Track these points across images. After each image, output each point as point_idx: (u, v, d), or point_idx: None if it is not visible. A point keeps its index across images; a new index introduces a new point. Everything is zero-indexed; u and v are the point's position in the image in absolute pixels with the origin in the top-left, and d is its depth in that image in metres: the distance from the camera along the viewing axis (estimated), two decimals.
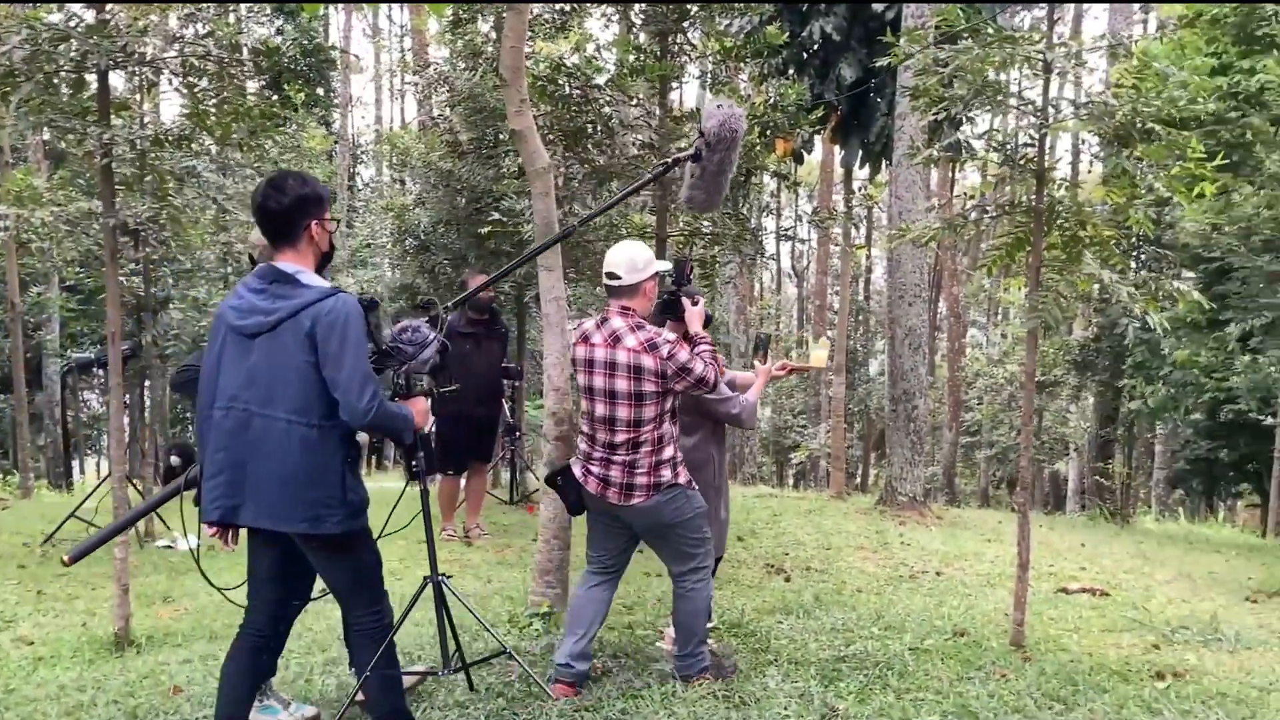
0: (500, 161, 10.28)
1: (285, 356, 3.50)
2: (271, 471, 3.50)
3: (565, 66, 7.93)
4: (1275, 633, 6.39)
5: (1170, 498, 22.82)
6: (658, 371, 4.45)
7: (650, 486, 4.53)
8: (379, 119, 37.76)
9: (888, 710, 4.45)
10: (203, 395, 3.66)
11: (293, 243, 3.66)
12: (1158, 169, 5.31)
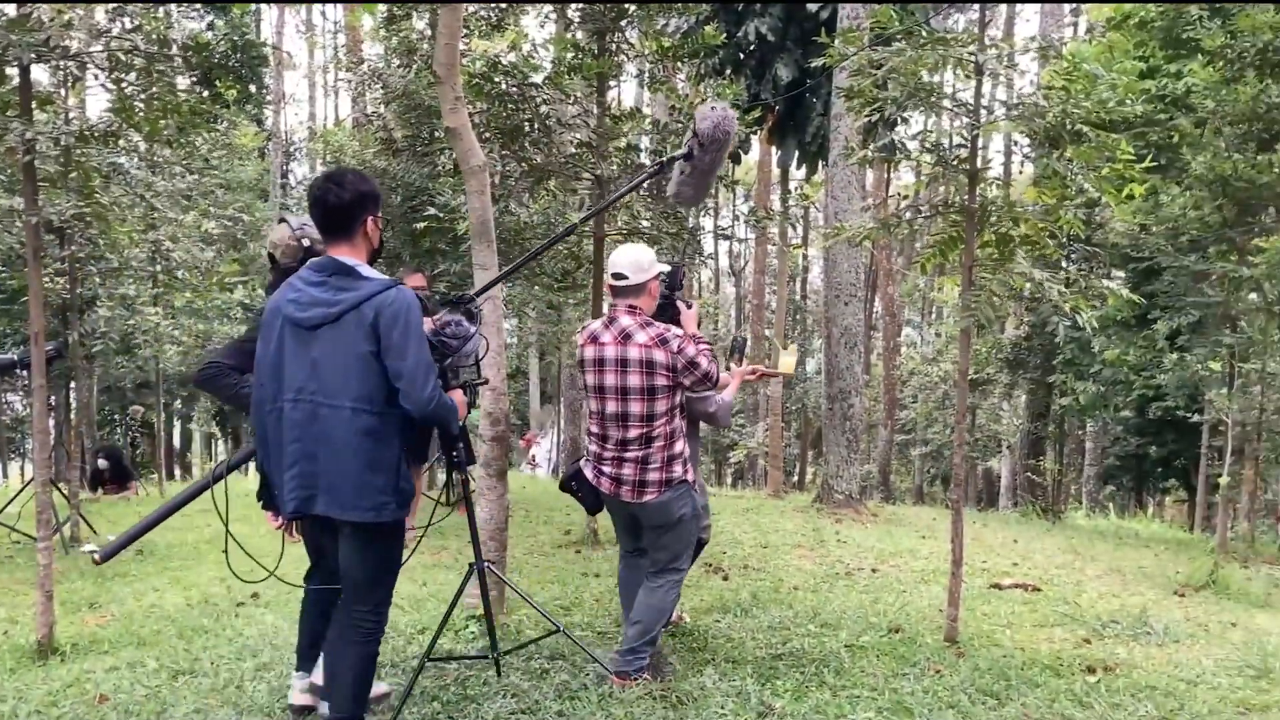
0: (435, 159, 10.18)
1: (348, 347, 3.55)
2: (340, 461, 3.55)
3: (501, 64, 7.87)
4: (1202, 626, 6.52)
5: (1100, 494, 23.22)
6: (669, 366, 4.58)
7: (663, 483, 4.66)
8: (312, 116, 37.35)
9: (824, 707, 4.47)
10: (262, 389, 3.67)
11: (349, 236, 3.73)
12: (1087, 170, 5.39)
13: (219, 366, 4.31)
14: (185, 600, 6.53)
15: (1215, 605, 7.38)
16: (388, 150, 10.57)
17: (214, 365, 4.37)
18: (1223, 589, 7.96)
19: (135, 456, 20.80)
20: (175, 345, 15.25)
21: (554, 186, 8.48)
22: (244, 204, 18.68)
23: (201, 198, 12.89)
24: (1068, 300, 5.54)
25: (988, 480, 29.57)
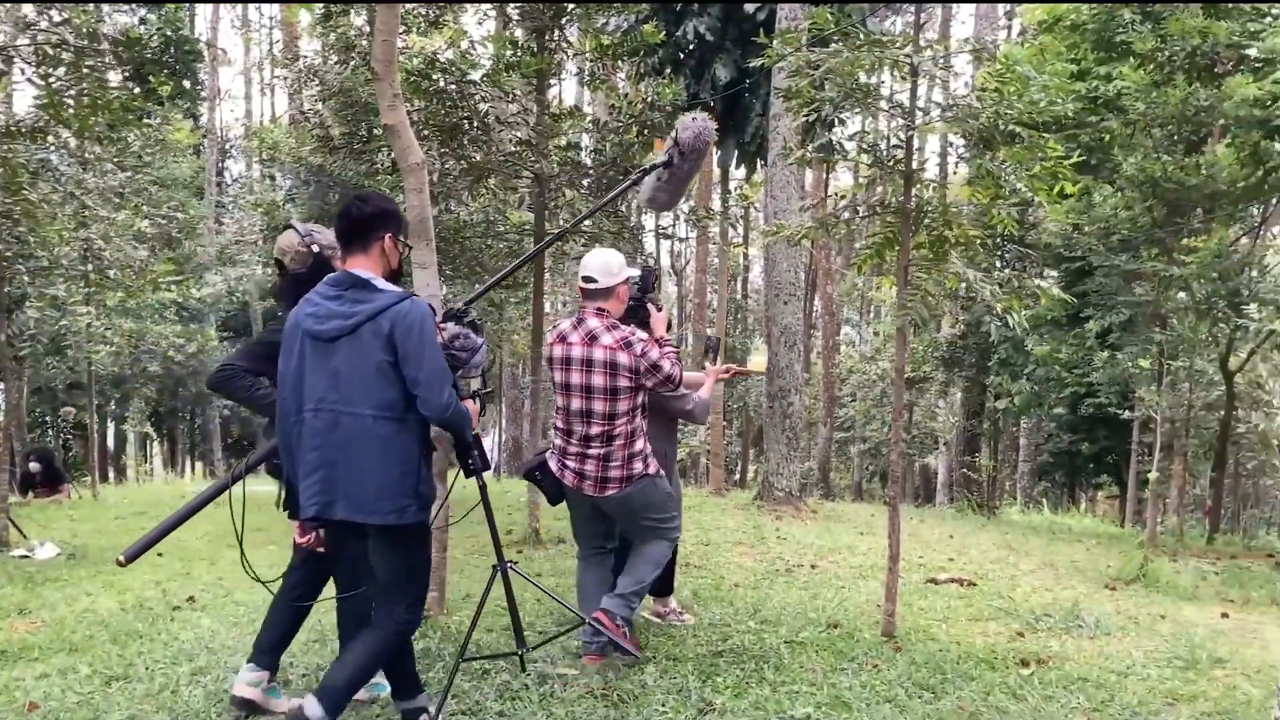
0: (373, 157, 10.09)
1: (366, 357, 3.67)
2: (361, 467, 3.66)
3: (439, 61, 7.82)
4: (1132, 618, 6.66)
5: (1034, 489, 23.59)
6: (632, 368, 4.80)
7: (623, 479, 4.89)
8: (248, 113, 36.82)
9: (763, 703, 4.50)
10: (286, 402, 3.78)
11: (365, 249, 3.84)
12: (1020, 170, 5.48)
13: (234, 369, 4.36)
14: (119, 605, 6.42)
15: (1145, 598, 7.53)
16: (325, 148, 10.46)
17: (229, 368, 4.41)
18: (1152, 582, 8.13)
19: (67, 459, 20.41)
20: (107, 345, 14.99)
21: (494, 185, 8.44)
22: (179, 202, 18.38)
23: (134, 195, 12.68)
24: (1000, 300, 5.63)
25: (925, 477, 29.94)
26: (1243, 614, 7.14)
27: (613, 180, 8.29)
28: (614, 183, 8.29)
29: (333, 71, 10.10)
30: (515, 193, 8.89)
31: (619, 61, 8.90)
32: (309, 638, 5.39)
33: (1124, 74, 10.97)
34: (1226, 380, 12.88)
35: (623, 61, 9.09)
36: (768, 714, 4.39)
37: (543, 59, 7.91)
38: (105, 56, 5.98)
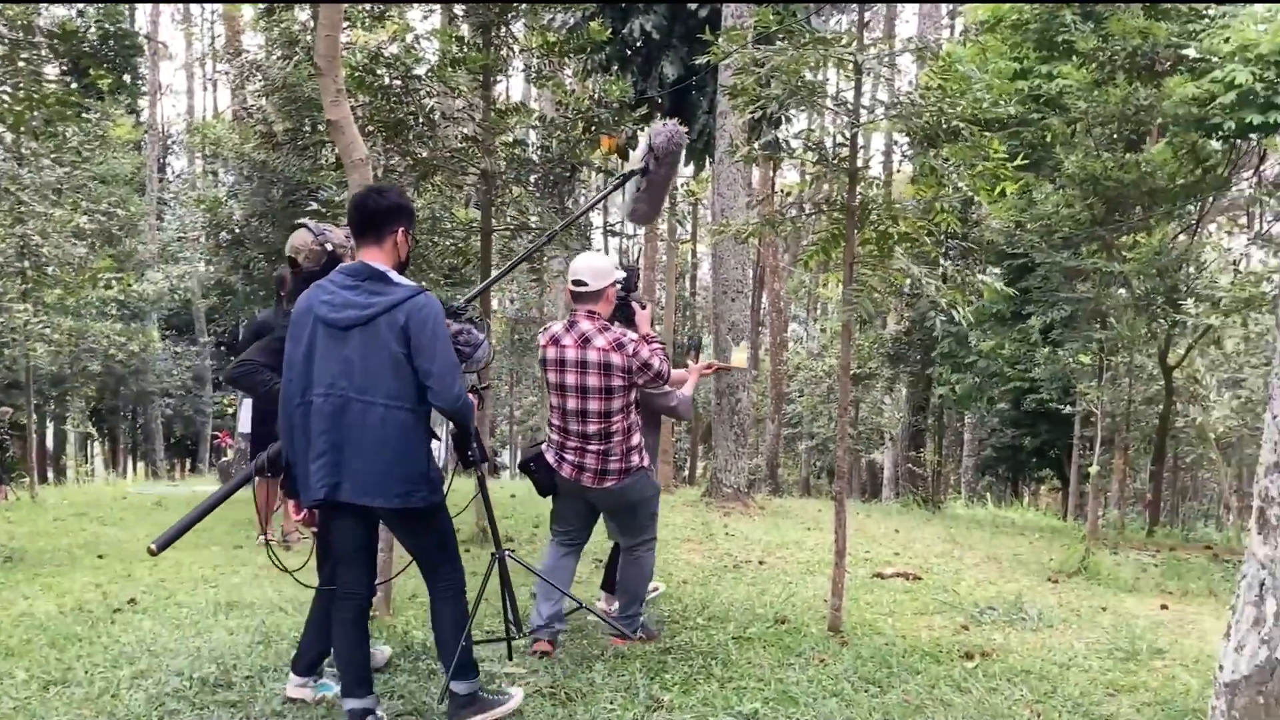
0: (317, 153, 10.00)
1: (380, 347, 3.81)
2: (369, 452, 3.81)
3: (384, 57, 7.76)
4: (1074, 611, 6.75)
5: (978, 484, 23.89)
6: (625, 367, 4.97)
7: (622, 471, 5.10)
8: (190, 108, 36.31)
9: (711, 699, 4.51)
10: (291, 385, 3.93)
11: (379, 242, 3.99)
12: (963, 168, 5.53)
13: (253, 364, 4.52)
14: (58, 608, 6.29)
15: (1087, 590, 7.64)
16: (268, 143, 10.34)
17: (248, 363, 4.56)
18: (1094, 574, 8.25)
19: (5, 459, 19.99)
20: (46, 344, 14.70)
21: (439, 181, 8.38)
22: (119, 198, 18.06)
23: (73, 191, 12.46)
24: (945, 295, 5.68)
25: (871, 472, 30.19)
26: (1181, 605, 7.27)
27: (559, 177, 8.27)
28: (561, 179, 8.27)
29: (276, 66, 9.99)
30: (461, 190, 8.83)
31: (565, 58, 8.87)
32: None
33: (1065, 73, 11.11)
34: (1165, 375, 13.11)
35: (569, 58, 9.05)
36: (715, 710, 4.39)
37: (488, 54, 7.86)
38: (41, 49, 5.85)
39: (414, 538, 4.12)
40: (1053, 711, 4.63)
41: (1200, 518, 21.49)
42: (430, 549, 4.13)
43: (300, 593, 6.55)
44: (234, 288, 11.29)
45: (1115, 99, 10.37)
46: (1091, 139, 10.92)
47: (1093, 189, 10.82)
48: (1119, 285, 11.37)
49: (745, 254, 12.03)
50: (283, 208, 10.06)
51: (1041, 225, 12.17)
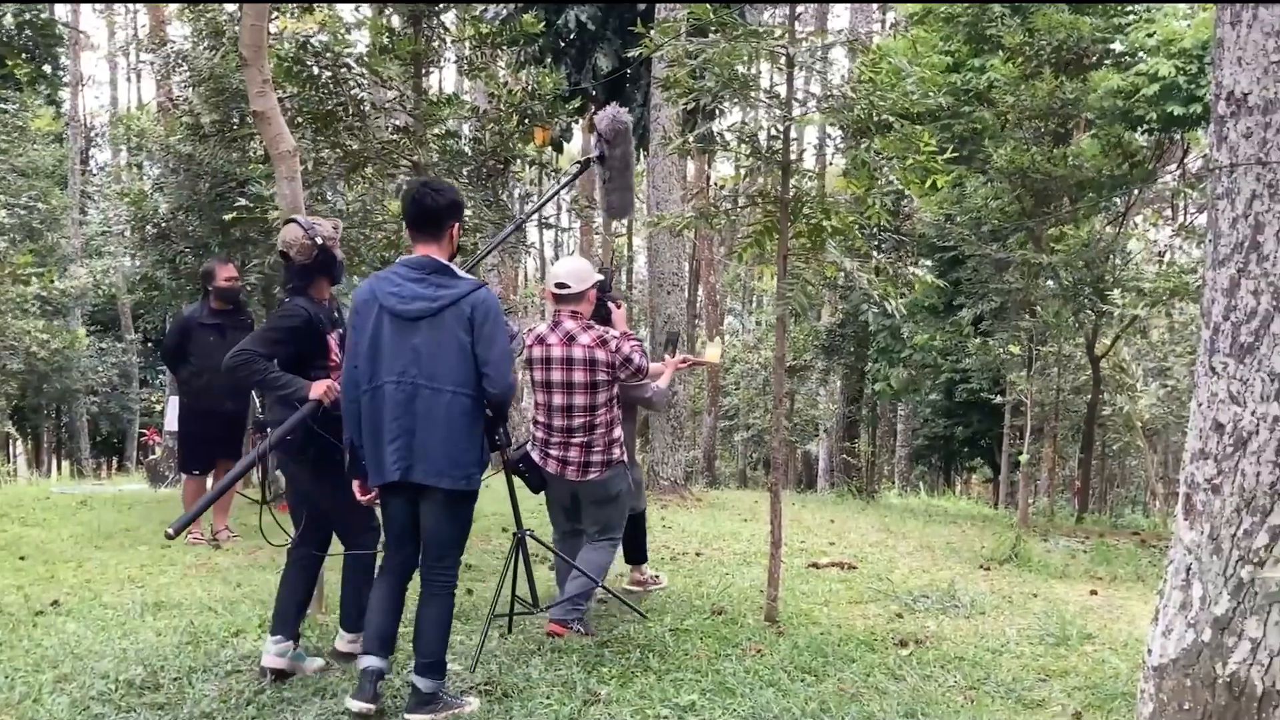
0: (246, 145, 9.82)
1: (448, 337, 4.08)
2: (439, 436, 4.08)
3: (312, 47, 7.63)
4: (1006, 597, 6.84)
5: (912, 473, 24.16)
6: (609, 363, 5.30)
7: (604, 464, 5.40)
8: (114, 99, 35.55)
9: (649, 692, 4.50)
10: (356, 371, 4.18)
11: (437, 238, 4.24)
12: (894, 161, 5.57)
13: (250, 354, 4.54)
14: None
15: (1018, 577, 7.75)
16: (194, 135, 10.14)
17: (245, 353, 4.57)
18: (1024, 561, 8.36)
19: None
20: None
21: (371, 174, 8.27)
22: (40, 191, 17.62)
23: None
24: (877, 287, 5.72)
25: (806, 463, 30.38)
26: (1110, 590, 7.40)
27: (493, 170, 8.21)
28: (494, 172, 8.21)
29: (202, 57, 9.80)
30: (393, 181, 8.72)
31: (499, 50, 8.81)
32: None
33: (994, 66, 11.25)
34: (1093, 365, 13.34)
35: (503, 50, 8.98)
36: (653, 702, 4.39)
37: (418, 44, 7.77)
38: None
39: (449, 521, 4.27)
40: (986, 697, 4.69)
41: (1128, 504, 21.91)
42: (452, 536, 4.31)
43: (231, 591, 6.45)
44: (160, 283, 11.04)
45: (1042, 93, 10.52)
46: (1020, 132, 11.07)
47: (1021, 182, 10.97)
48: (1047, 277, 11.54)
49: (681, 247, 12.04)
50: (210, 201, 9.87)
51: (971, 218, 12.32)
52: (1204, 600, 3.04)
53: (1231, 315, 3.02)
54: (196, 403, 8.15)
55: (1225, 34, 3.05)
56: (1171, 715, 3.10)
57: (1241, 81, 3.00)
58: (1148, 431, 18.90)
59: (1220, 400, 3.03)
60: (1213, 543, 3.03)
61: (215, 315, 8.13)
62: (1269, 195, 2.94)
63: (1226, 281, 3.03)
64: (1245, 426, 2.98)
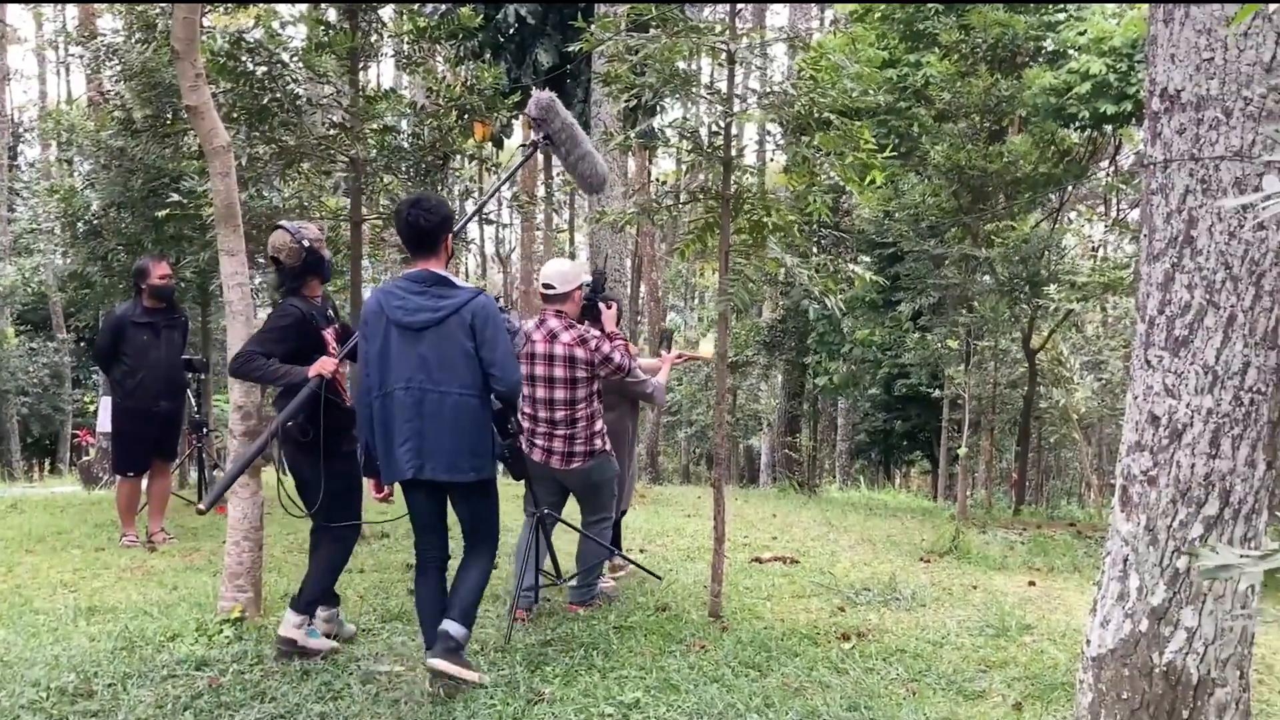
0: (179, 140, 9.64)
1: (452, 343, 4.42)
2: (446, 435, 4.43)
3: (246, 41, 7.50)
4: (946, 589, 6.91)
5: (852, 467, 24.33)
6: (588, 360, 5.62)
7: (586, 454, 5.74)
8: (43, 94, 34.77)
9: (593, 690, 4.49)
10: (368, 379, 4.52)
11: (434, 252, 4.58)
12: (833, 157, 5.59)
13: (249, 353, 4.91)
14: None
15: (957, 569, 7.83)
16: (126, 130, 9.94)
17: (245, 353, 4.95)
18: (964, 554, 8.45)
19: None
20: None
21: (307, 169, 8.16)
22: None
23: None
24: (817, 283, 5.75)
25: (749, 458, 30.52)
26: (1048, 581, 7.50)
27: (432, 165, 8.13)
28: (433, 167, 8.13)
29: (134, 51, 9.60)
30: (330, 177, 8.60)
31: (437, 44, 8.72)
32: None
33: (931, 64, 11.35)
34: (1029, 358, 13.52)
35: (441, 44, 8.89)
36: (597, 700, 4.37)
37: (355, 39, 7.67)
38: None
39: (475, 506, 4.68)
40: (927, 689, 4.73)
41: (1064, 496, 22.25)
42: (485, 517, 4.72)
43: (167, 594, 6.33)
44: (92, 281, 10.81)
45: (978, 90, 10.63)
46: (956, 129, 11.19)
47: (958, 178, 11.08)
48: (984, 272, 11.68)
49: (623, 243, 12.03)
50: (143, 197, 9.68)
51: (909, 214, 12.43)
52: (1141, 591, 3.08)
53: (1166, 309, 3.06)
54: (130, 403, 7.99)
55: (1159, 31, 3.09)
56: (1110, 705, 3.14)
57: (1175, 78, 3.04)
58: (1083, 424, 19.22)
59: (1155, 393, 3.08)
60: (1149, 534, 3.07)
61: (149, 314, 7.98)
62: (1202, 190, 2.98)
63: (1161, 276, 3.07)
64: (1180, 419, 3.03)
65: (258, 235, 8.04)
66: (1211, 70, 2.97)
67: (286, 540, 8.16)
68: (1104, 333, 18.38)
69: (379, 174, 8.11)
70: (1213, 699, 3.05)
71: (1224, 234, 2.96)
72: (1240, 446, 2.97)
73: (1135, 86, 10.42)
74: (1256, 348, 2.97)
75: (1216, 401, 2.98)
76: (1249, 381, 2.98)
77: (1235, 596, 3.01)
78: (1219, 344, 2.97)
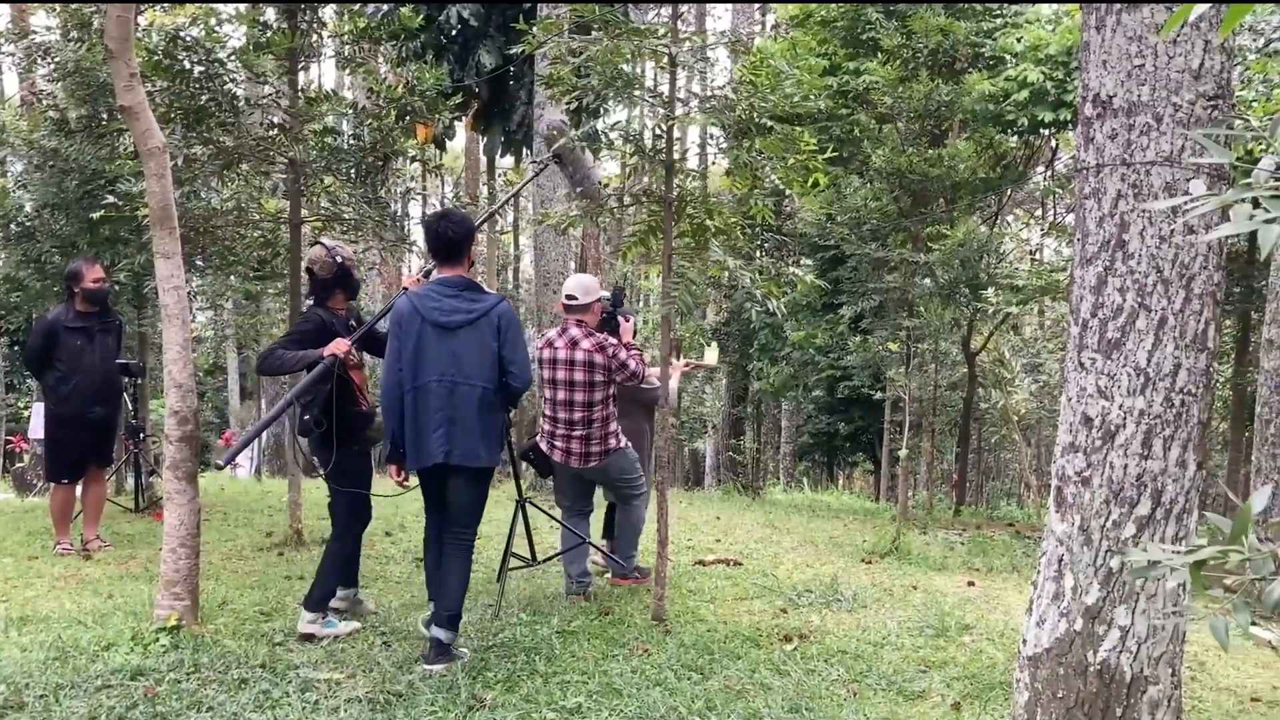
0: (115, 141, 9.46)
1: (481, 342, 4.95)
2: (472, 424, 4.92)
3: (183, 40, 7.38)
4: (887, 590, 6.97)
5: (796, 469, 24.46)
6: (606, 367, 6.11)
7: (602, 452, 6.26)
8: None
9: (535, 696, 4.47)
10: (401, 373, 4.96)
11: (460, 260, 5.11)
12: (775, 162, 5.62)
13: (273, 348, 5.47)
14: None
15: (898, 570, 7.90)
16: (60, 130, 9.74)
17: (267, 351, 5.51)
18: (905, 554, 8.53)
19: None
20: None
21: (246, 171, 8.04)
22: None
23: None
24: (760, 286, 5.77)
25: (694, 460, 30.59)
26: (987, 581, 7.58)
27: (372, 167, 8.05)
28: (374, 169, 8.05)
29: (67, 49, 9.41)
30: (269, 179, 8.48)
31: (378, 45, 8.64)
32: None
33: (871, 69, 11.46)
34: (969, 361, 13.69)
35: (382, 44, 8.81)
36: (539, 706, 4.36)
37: (294, 39, 7.58)
38: None
39: (474, 491, 5.09)
40: (868, 690, 4.76)
41: (1004, 496, 22.54)
42: (474, 504, 5.12)
43: (102, 603, 6.21)
44: (25, 284, 10.56)
45: (918, 95, 10.75)
46: (897, 134, 11.29)
47: (899, 182, 11.19)
48: (924, 275, 11.79)
49: (567, 246, 12.00)
50: (77, 199, 9.48)
51: (851, 218, 12.52)
52: (1075, 590, 3.12)
53: (1099, 312, 3.10)
54: (63, 409, 7.81)
55: (1091, 38, 3.13)
56: (1046, 703, 3.17)
57: (1106, 84, 3.08)
58: (1022, 425, 19.49)
59: (1089, 395, 3.12)
60: (1083, 534, 3.11)
61: (82, 317, 7.82)
62: (1133, 195, 3.03)
63: (1094, 279, 3.12)
64: (1113, 420, 3.07)
65: (194, 238, 7.91)
66: (1142, 77, 3.02)
67: (225, 547, 8.05)
68: (1041, 335, 18.64)
69: (319, 175, 8.01)
70: (1145, 696, 3.09)
71: (1155, 238, 3.01)
72: (1171, 447, 3.03)
73: (1071, 94, 10.59)
74: (1187, 350, 3.02)
75: (1148, 403, 3.03)
76: (1180, 383, 3.03)
77: (1167, 595, 3.06)
78: (1150, 346, 3.02)
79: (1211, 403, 3.24)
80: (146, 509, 9.54)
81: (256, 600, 6.20)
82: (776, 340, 19.43)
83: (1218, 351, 3.15)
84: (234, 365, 28.84)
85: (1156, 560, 1.86)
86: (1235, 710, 4.86)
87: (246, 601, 6.15)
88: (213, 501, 10.58)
